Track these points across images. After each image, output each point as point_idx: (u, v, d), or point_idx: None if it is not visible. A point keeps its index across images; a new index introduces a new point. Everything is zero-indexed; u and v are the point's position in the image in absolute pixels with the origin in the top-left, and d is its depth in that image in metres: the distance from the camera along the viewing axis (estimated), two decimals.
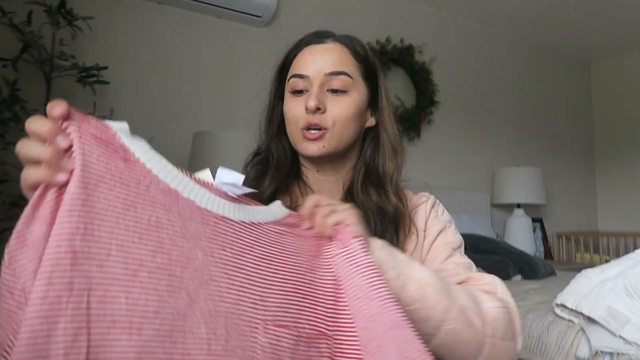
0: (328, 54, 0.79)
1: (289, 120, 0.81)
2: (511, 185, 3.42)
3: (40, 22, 1.83)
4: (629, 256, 1.51)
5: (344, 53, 0.80)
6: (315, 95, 0.77)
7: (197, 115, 2.40)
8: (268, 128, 0.88)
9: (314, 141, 0.78)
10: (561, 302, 1.48)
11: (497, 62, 3.80)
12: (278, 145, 0.86)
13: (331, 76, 0.78)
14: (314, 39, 0.82)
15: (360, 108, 0.81)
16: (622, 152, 4.26)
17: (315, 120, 0.78)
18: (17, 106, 1.65)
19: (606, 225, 4.33)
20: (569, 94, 4.31)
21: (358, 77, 0.81)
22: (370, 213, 0.79)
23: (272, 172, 0.83)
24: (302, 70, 0.79)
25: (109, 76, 1.97)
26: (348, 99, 0.79)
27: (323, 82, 0.79)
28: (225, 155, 2.01)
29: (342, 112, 0.79)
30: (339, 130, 0.79)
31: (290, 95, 0.81)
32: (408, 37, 3.21)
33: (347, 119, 0.79)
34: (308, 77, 0.79)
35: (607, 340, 1.31)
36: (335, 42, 0.81)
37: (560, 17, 3.56)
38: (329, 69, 0.78)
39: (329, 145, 0.79)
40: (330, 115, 0.78)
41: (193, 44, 2.43)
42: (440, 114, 3.37)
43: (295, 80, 0.80)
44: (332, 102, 0.79)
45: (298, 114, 0.79)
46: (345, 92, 0.79)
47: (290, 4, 2.73)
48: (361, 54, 0.82)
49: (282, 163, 0.85)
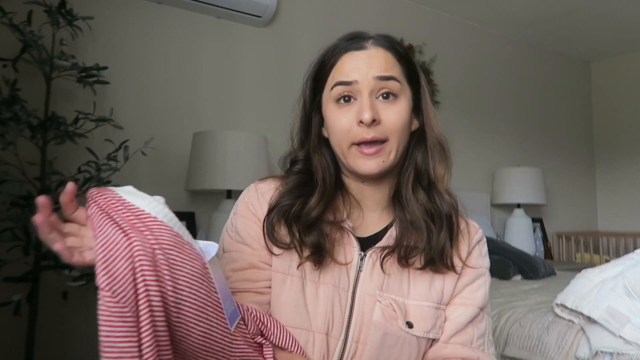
0: (373, 60, 0.74)
1: (337, 135, 0.75)
2: (511, 185, 3.42)
3: (40, 22, 1.83)
4: (629, 256, 1.51)
5: (388, 57, 0.75)
6: (369, 106, 0.71)
7: (197, 115, 2.40)
8: (305, 139, 0.81)
9: (371, 156, 0.73)
10: (561, 302, 1.48)
11: (497, 62, 3.80)
12: (322, 160, 0.79)
13: (381, 81, 0.73)
14: (352, 45, 0.76)
15: (410, 113, 0.77)
16: (622, 152, 4.26)
17: (372, 134, 0.72)
18: (17, 106, 1.64)
19: (606, 225, 4.33)
20: (569, 94, 4.31)
21: (403, 80, 0.77)
22: (423, 218, 0.77)
23: (319, 191, 0.77)
24: (348, 76, 0.73)
25: (109, 76, 1.97)
26: (400, 104, 0.75)
27: (372, 89, 0.73)
28: (226, 155, 2.01)
29: (398, 120, 0.74)
30: (396, 141, 0.74)
31: (336, 106, 0.75)
32: (408, 37, 3.21)
33: (404, 127, 0.75)
34: (356, 81, 0.73)
35: (607, 340, 1.31)
36: (377, 46, 0.76)
37: (560, 17, 3.56)
38: (378, 73, 0.73)
39: (389, 159, 0.75)
40: (388, 125, 0.73)
41: (193, 44, 2.43)
42: (440, 114, 3.33)
43: (340, 88, 0.74)
44: (386, 111, 0.73)
45: (348, 128, 0.73)
46: (396, 96, 0.74)
47: (290, 4, 2.73)
48: (403, 56, 0.78)
49: (327, 180, 0.78)
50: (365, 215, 0.83)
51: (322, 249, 0.75)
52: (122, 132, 2.03)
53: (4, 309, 1.69)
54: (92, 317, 1.97)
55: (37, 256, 1.69)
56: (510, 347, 1.55)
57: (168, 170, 2.28)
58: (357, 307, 0.75)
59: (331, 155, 0.80)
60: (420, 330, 0.75)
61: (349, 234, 0.78)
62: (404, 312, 0.75)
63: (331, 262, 0.76)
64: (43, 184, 1.73)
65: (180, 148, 2.29)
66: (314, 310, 0.74)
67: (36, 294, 1.68)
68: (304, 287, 0.75)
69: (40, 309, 1.79)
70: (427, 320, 0.76)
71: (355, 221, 0.81)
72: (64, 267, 1.69)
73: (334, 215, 0.79)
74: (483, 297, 0.81)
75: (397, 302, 0.76)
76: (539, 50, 4.09)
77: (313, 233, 0.75)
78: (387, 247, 0.77)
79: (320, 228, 0.76)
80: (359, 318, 0.75)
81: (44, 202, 0.52)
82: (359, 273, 0.77)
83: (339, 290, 0.75)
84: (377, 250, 0.78)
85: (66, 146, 1.88)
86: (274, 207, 0.77)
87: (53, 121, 1.74)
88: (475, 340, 0.79)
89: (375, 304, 0.75)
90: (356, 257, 0.78)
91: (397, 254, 0.76)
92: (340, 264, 0.77)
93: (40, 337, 1.86)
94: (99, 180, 1.79)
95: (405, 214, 0.78)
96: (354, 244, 0.78)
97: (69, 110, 1.96)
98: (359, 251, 0.78)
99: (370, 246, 0.79)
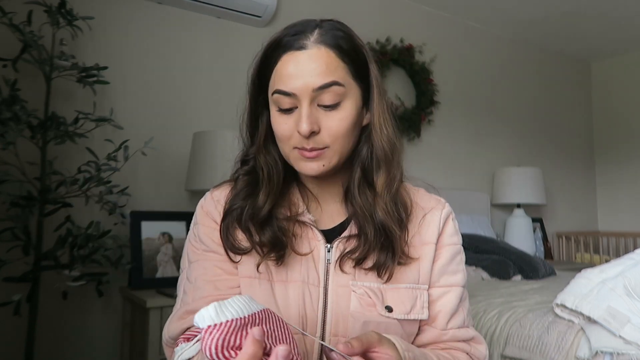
0: (312, 63, 0.70)
1: (280, 140, 0.74)
2: (511, 185, 3.42)
3: (40, 22, 1.84)
4: (629, 256, 1.51)
5: (330, 57, 0.71)
6: (307, 117, 0.69)
7: (197, 115, 2.40)
8: (253, 135, 0.80)
9: (312, 160, 0.72)
10: (561, 302, 1.48)
11: (497, 62, 3.80)
12: (268, 158, 0.78)
13: (321, 90, 0.70)
14: (293, 42, 0.72)
15: (357, 114, 0.74)
16: (622, 152, 4.26)
17: (311, 145, 0.71)
18: (17, 106, 1.64)
19: (606, 225, 4.33)
20: (569, 94, 4.32)
21: (349, 79, 0.72)
22: (368, 218, 0.75)
23: (265, 189, 0.76)
24: (287, 85, 0.70)
25: (109, 76, 1.97)
26: (343, 111, 0.71)
27: (312, 98, 0.70)
28: (225, 155, 2.00)
29: (339, 128, 0.71)
30: (338, 146, 0.72)
31: (277, 113, 0.73)
32: (408, 37, 3.21)
33: (346, 134, 0.72)
34: (294, 94, 0.70)
35: (607, 340, 1.31)
36: (318, 44, 0.71)
37: (560, 17, 3.56)
38: (318, 83, 0.69)
39: (330, 163, 0.73)
40: (327, 134, 0.71)
41: (193, 44, 2.43)
42: (440, 114, 3.37)
43: (279, 96, 0.71)
44: (327, 119, 0.71)
45: (289, 134, 0.72)
46: (338, 104, 0.71)
47: (290, 4, 2.73)
48: (348, 51, 0.73)
49: (274, 178, 0.77)
50: (324, 207, 0.82)
51: (280, 243, 0.74)
52: (122, 132, 2.03)
53: (4, 309, 1.69)
54: (92, 317, 1.98)
55: (37, 256, 1.69)
56: (510, 347, 1.55)
57: (168, 170, 2.28)
58: (331, 300, 0.74)
59: (280, 155, 0.78)
60: (400, 312, 0.75)
61: (312, 228, 0.77)
62: (381, 298, 0.75)
63: (295, 258, 0.75)
64: (43, 184, 1.73)
65: (180, 148, 2.29)
66: (286, 311, 0.73)
67: (36, 294, 1.69)
68: (272, 289, 0.74)
69: (40, 309, 1.79)
70: (406, 302, 0.76)
71: (315, 214, 0.81)
72: (64, 267, 1.69)
73: (290, 210, 0.78)
74: (463, 274, 0.84)
75: (372, 289, 0.75)
76: (538, 50, 4.09)
77: (267, 229, 0.74)
78: (353, 237, 0.77)
79: (274, 224, 0.75)
80: (335, 312, 0.74)
81: None
82: (328, 266, 0.76)
83: (309, 287, 0.74)
84: (343, 241, 0.77)
85: (66, 146, 1.88)
86: (226, 214, 0.77)
87: (53, 121, 1.74)
88: (465, 319, 0.82)
89: (350, 294, 0.74)
90: (323, 250, 0.76)
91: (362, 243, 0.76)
92: (304, 254, 0.76)
93: (40, 337, 1.86)
94: (99, 180, 1.80)
95: (357, 211, 0.77)
96: (319, 237, 0.77)
97: (69, 110, 1.96)
98: (324, 244, 0.77)
99: (335, 238, 0.78)
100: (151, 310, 1.76)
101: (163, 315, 1.77)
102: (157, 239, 2.10)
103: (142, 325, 1.82)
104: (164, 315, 1.77)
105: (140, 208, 2.15)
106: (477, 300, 1.84)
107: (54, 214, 1.74)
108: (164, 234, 2.12)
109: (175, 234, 2.15)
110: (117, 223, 2.01)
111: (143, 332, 1.81)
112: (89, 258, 1.71)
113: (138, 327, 1.90)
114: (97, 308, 2.05)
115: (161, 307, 1.77)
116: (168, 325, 0.76)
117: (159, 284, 2.00)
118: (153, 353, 1.75)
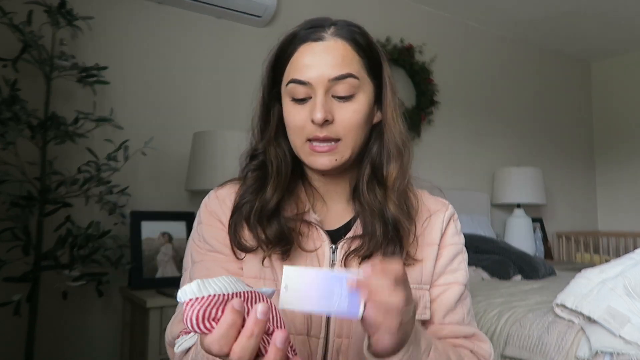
0: (329, 55, 0.72)
1: (292, 131, 0.75)
2: (511, 185, 3.42)
3: (40, 22, 1.83)
4: (629, 256, 1.51)
5: (346, 50, 0.73)
6: (322, 106, 0.70)
7: (197, 115, 2.40)
8: (264, 129, 0.80)
9: (324, 154, 0.72)
10: (561, 302, 1.48)
11: (497, 62, 3.80)
12: (278, 151, 0.78)
13: (336, 81, 0.71)
14: (310, 34, 0.73)
15: (370, 109, 0.75)
16: (622, 152, 4.26)
17: (325, 133, 0.71)
18: (17, 106, 1.65)
19: (606, 225, 4.33)
20: (569, 94, 4.32)
21: (363, 74, 0.74)
22: (376, 215, 0.75)
23: (273, 182, 0.76)
24: (302, 74, 0.72)
25: (109, 76, 1.97)
26: (356, 103, 0.73)
27: (327, 88, 0.71)
28: (226, 155, 2.01)
29: (352, 119, 0.72)
30: (351, 140, 0.73)
31: (291, 103, 0.74)
32: (408, 37, 3.21)
33: (359, 126, 0.73)
34: (310, 83, 0.71)
35: (607, 340, 1.31)
36: (335, 37, 0.73)
37: (560, 17, 3.56)
38: (333, 74, 0.71)
39: (342, 157, 0.73)
40: (341, 125, 0.72)
41: (193, 44, 2.43)
42: (440, 114, 3.37)
43: (294, 86, 0.72)
44: (341, 109, 0.72)
45: (302, 125, 0.72)
46: (352, 96, 0.72)
47: (290, 4, 2.73)
48: (364, 46, 0.75)
49: (282, 171, 0.77)
50: (330, 207, 0.82)
51: (285, 238, 0.74)
52: (122, 132, 2.03)
53: (4, 309, 1.69)
54: (92, 317, 1.98)
55: (37, 256, 1.69)
56: (510, 347, 1.55)
57: (168, 170, 2.28)
58: None
59: (290, 149, 0.78)
60: None
61: (317, 228, 0.77)
62: None
63: (301, 255, 0.75)
64: (43, 184, 1.73)
65: (180, 148, 2.29)
66: (291, 311, 0.73)
67: (36, 294, 1.69)
68: (277, 289, 0.75)
69: (40, 309, 1.79)
70: None
71: (320, 213, 0.80)
72: (64, 267, 1.69)
73: (297, 207, 0.78)
74: (465, 273, 0.83)
75: None
76: (538, 50, 4.09)
77: (274, 223, 0.74)
78: (357, 237, 0.77)
79: (281, 219, 0.75)
80: None
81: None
82: (333, 267, 0.76)
83: None
84: (347, 241, 0.77)
85: (66, 146, 1.88)
86: (235, 211, 0.77)
87: (53, 121, 1.74)
88: (465, 316, 0.81)
89: None
90: (327, 251, 0.76)
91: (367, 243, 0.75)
92: (309, 251, 0.76)
93: (40, 337, 1.86)
94: (99, 180, 1.80)
95: (365, 208, 0.77)
96: (324, 237, 0.77)
97: (69, 110, 1.96)
98: (329, 244, 0.77)
99: (340, 238, 0.78)
100: (151, 310, 1.76)
101: (163, 315, 1.77)
102: (157, 239, 2.10)
103: (142, 325, 1.82)
104: (164, 315, 1.77)
105: (140, 208, 2.15)
106: (477, 300, 1.84)
107: (54, 214, 1.74)
108: (164, 234, 2.12)
109: (175, 234, 2.15)
110: (117, 223, 2.01)
111: (143, 332, 1.81)
112: (89, 258, 1.71)
113: (138, 327, 1.90)
114: (97, 308, 2.05)
115: (161, 307, 1.77)
116: (170, 327, 0.76)
117: (159, 284, 2.00)
118: (153, 353, 1.75)
